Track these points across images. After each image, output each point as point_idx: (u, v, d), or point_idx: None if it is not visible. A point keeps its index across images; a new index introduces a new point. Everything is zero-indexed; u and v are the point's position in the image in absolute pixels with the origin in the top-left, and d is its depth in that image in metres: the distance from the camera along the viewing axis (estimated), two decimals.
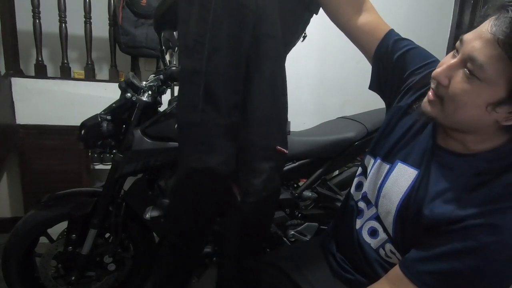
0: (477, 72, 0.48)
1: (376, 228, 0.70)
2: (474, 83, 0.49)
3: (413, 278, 0.56)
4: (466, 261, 0.51)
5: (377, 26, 0.74)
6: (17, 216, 1.86)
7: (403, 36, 0.75)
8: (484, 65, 0.47)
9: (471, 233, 0.51)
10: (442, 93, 0.54)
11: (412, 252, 0.59)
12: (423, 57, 0.71)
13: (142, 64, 2.09)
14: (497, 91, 0.48)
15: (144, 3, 1.82)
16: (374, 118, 1.23)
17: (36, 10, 1.71)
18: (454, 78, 0.52)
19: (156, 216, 1.07)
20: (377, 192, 0.70)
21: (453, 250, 0.52)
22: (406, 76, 0.71)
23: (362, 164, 0.80)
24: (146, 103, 1.05)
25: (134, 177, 1.14)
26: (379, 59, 0.75)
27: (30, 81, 1.73)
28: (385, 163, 0.70)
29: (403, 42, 0.73)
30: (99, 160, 1.91)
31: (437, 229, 0.56)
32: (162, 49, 1.08)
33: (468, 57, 0.50)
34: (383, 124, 0.75)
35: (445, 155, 0.61)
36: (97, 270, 1.18)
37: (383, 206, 0.68)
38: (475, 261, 0.51)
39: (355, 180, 0.82)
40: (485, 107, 0.50)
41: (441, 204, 0.56)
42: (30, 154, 1.75)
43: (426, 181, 0.61)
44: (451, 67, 0.53)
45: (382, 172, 0.70)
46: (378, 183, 0.70)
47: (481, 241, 0.50)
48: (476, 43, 0.49)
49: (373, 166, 0.74)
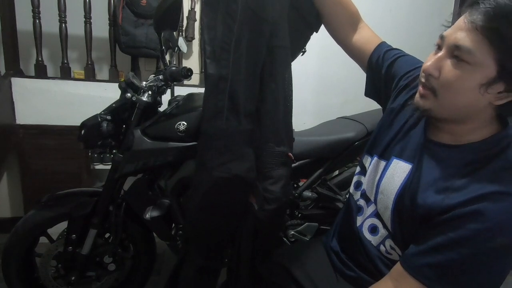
0: (466, 57, 0.52)
1: (376, 225, 0.72)
2: (464, 68, 0.53)
3: (413, 272, 0.57)
4: (461, 250, 0.52)
5: (370, 39, 0.82)
6: (17, 216, 1.86)
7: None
8: (472, 49, 0.51)
9: (461, 222, 0.53)
10: (434, 84, 0.57)
11: (410, 247, 0.60)
12: (412, 63, 0.76)
13: (142, 64, 2.09)
14: (487, 71, 0.52)
15: (144, 3, 1.83)
16: (374, 118, 1.23)
17: (36, 10, 1.71)
18: (443, 68, 0.55)
19: (156, 216, 1.07)
20: (375, 189, 0.72)
21: (447, 241, 0.54)
22: (398, 80, 0.76)
23: (360, 163, 0.82)
24: (146, 103, 1.05)
25: (134, 177, 1.14)
26: (372, 68, 0.82)
27: (30, 81, 1.73)
28: (381, 160, 0.73)
29: (393, 51, 0.80)
30: (99, 160, 1.91)
31: (432, 220, 0.57)
32: (162, 49, 1.08)
33: (454, 47, 0.53)
34: (379, 124, 0.79)
35: (435, 147, 0.63)
36: (97, 270, 1.18)
37: (381, 202, 0.69)
38: (469, 249, 0.52)
39: (354, 179, 0.83)
40: (478, 89, 0.53)
41: (433, 194, 0.58)
42: (30, 154, 1.75)
43: (419, 173, 0.63)
44: (439, 59, 0.56)
45: (379, 169, 0.72)
46: (375, 180, 0.72)
47: (471, 229, 0.51)
48: (458, 34, 0.53)
49: (370, 164, 0.76)
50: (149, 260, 1.26)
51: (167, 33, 1.06)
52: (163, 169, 1.12)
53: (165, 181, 1.11)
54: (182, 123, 1.03)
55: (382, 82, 0.81)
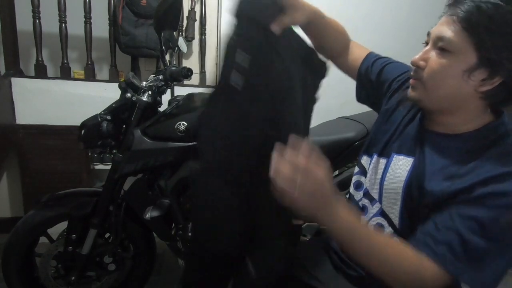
0: (448, 46, 0.57)
1: (381, 223, 0.71)
2: (447, 57, 0.57)
3: (431, 253, 0.56)
4: (471, 225, 0.53)
5: (360, 55, 0.85)
6: (17, 216, 1.86)
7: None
8: (452, 38, 0.56)
9: (470, 204, 0.54)
10: (421, 75, 0.61)
11: (419, 230, 0.60)
12: (402, 68, 0.79)
13: (142, 64, 2.09)
14: (469, 58, 0.56)
15: (144, 3, 1.83)
16: (374, 118, 1.22)
17: (36, 10, 1.71)
18: (430, 59, 0.60)
19: (156, 216, 1.07)
20: (379, 188, 0.72)
21: (455, 219, 0.55)
22: (389, 84, 0.79)
23: (359, 164, 0.82)
24: (146, 103, 1.05)
25: (134, 177, 1.14)
26: (361, 78, 0.85)
27: (30, 81, 1.73)
28: (381, 158, 0.74)
29: (382, 59, 0.83)
30: (99, 160, 1.91)
31: (440, 207, 0.58)
32: (162, 49, 1.08)
33: (437, 39, 0.59)
34: (375, 125, 0.81)
35: (434, 137, 0.65)
36: (97, 270, 1.18)
37: (388, 199, 0.69)
38: (480, 229, 0.53)
39: (353, 180, 0.83)
40: (462, 76, 0.57)
41: (441, 181, 0.60)
42: (30, 154, 1.75)
43: (423, 165, 0.64)
44: (426, 51, 0.62)
45: (380, 168, 0.73)
46: (378, 178, 0.72)
47: (479, 214, 0.53)
48: (440, 27, 0.59)
49: (370, 163, 0.76)
50: (149, 260, 1.26)
51: (167, 33, 1.06)
52: (163, 169, 1.12)
53: (165, 181, 1.11)
54: (182, 123, 1.03)
55: (373, 89, 0.83)
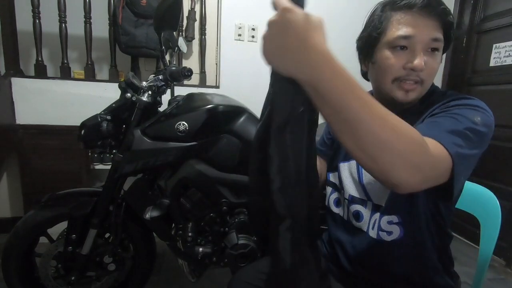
0: (440, 45, 0.65)
1: (389, 220, 0.69)
2: (438, 54, 0.66)
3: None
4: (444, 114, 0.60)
5: (320, 167, 0.88)
6: (17, 216, 1.87)
7: None
8: (441, 38, 0.64)
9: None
10: (422, 76, 0.65)
11: None
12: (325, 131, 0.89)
13: (142, 64, 2.09)
14: (443, 47, 0.67)
15: (144, 3, 1.83)
16: None
17: (36, 10, 1.71)
18: (427, 62, 0.64)
19: (156, 216, 1.07)
20: (361, 187, 0.73)
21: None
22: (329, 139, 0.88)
23: (329, 184, 0.83)
24: (146, 103, 1.05)
25: (134, 177, 1.14)
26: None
27: (30, 81, 1.73)
28: (348, 161, 0.76)
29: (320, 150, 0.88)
30: (99, 160, 1.91)
31: None
32: (162, 49, 1.08)
33: (432, 41, 0.63)
34: (329, 143, 0.87)
35: None
36: (97, 270, 1.18)
37: (374, 192, 0.71)
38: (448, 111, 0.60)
39: (330, 201, 0.82)
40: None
41: None
42: (30, 154, 1.75)
43: None
44: (421, 55, 0.65)
45: (353, 169, 0.75)
46: (356, 179, 0.74)
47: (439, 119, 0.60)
48: (432, 31, 0.63)
49: (340, 173, 0.78)
50: (149, 260, 1.26)
51: (167, 33, 1.06)
52: (163, 169, 1.12)
53: (165, 181, 1.11)
54: (182, 123, 1.04)
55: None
